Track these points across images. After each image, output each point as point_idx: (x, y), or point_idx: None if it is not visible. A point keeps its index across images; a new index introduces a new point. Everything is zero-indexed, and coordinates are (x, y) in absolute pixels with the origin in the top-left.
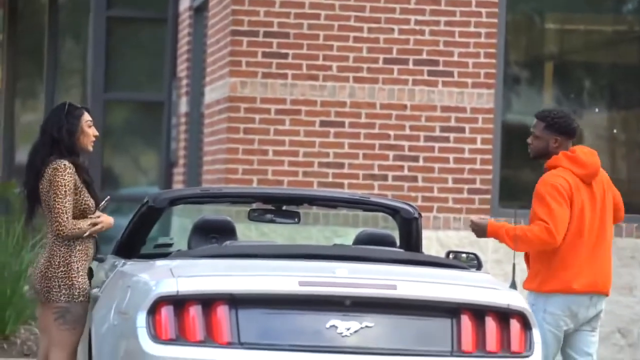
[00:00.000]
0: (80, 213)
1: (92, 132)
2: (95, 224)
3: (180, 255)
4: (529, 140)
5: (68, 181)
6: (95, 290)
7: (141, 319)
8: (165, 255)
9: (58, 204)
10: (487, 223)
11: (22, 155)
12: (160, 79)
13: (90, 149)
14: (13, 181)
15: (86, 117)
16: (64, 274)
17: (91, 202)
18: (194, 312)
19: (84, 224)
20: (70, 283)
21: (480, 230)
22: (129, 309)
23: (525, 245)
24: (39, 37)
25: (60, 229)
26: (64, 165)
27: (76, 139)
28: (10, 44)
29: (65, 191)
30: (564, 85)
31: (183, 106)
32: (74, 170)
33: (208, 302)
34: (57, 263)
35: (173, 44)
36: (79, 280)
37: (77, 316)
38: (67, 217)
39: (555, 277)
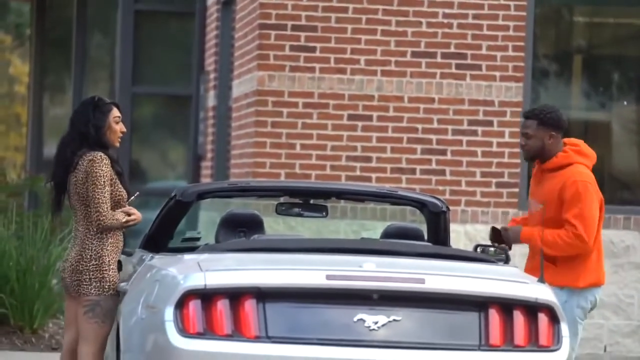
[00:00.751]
0: (115, 204)
1: (120, 128)
2: (129, 215)
3: (208, 249)
4: (522, 141)
5: (106, 172)
6: (123, 284)
7: (169, 313)
8: (192, 249)
9: (98, 195)
10: (520, 229)
11: (50, 150)
12: (188, 73)
13: (117, 144)
14: (41, 175)
15: (115, 112)
16: (96, 267)
17: (124, 193)
18: (222, 306)
19: (119, 215)
20: (101, 276)
21: (514, 237)
22: (157, 302)
23: (557, 251)
24: (67, 31)
25: (100, 219)
26: (100, 156)
27: (102, 134)
28: (39, 37)
29: (104, 182)
30: (592, 79)
31: (211, 100)
32: (109, 161)
33: (236, 295)
34: (88, 256)
35: (201, 38)
36: (110, 273)
37: (106, 310)
38: (106, 208)
39: (591, 272)
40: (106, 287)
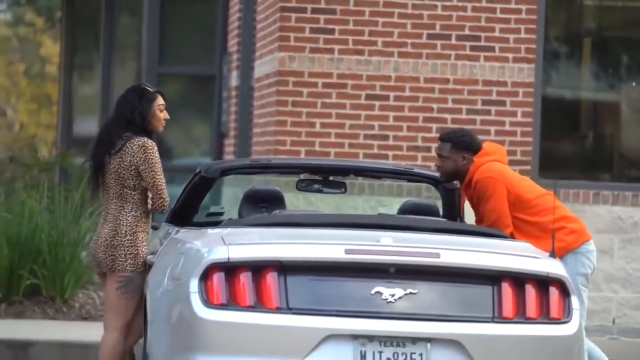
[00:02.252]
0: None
1: (164, 115)
2: None
3: (231, 223)
4: (437, 163)
5: (158, 158)
6: (150, 257)
7: (194, 285)
8: (216, 224)
9: (159, 181)
10: None
11: (79, 127)
12: (212, 54)
13: (161, 130)
14: (71, 151)
15: (159, 101)
16: (130, 242)
17: None
18: (244, 278)
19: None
20: (135, 252)
21: None
22: (182, 275)
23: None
24: (96, 13)
25: (165, 204)
26: (151, 143)
27: (147, 121)
28: (69, 19)
29: (160, 167)
30: (603, 60)
31: (234, 80)
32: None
33: (258, 268)
34: (123, 232)
35: (224, 20)
36: (143, 250)
37: (137, 285)
38: (166, 192)
39: (572, 234)
40: (139, 263)
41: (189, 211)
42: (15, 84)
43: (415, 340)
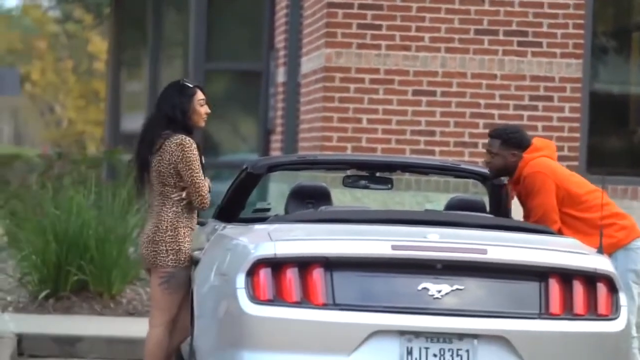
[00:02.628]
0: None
1: (204, 110)
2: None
3: (278, 219)
4: (487, 159)
5: (196, 155)
6: (197, 253)
7: (240, 280)
8: (263, 220)
9: (197, 179)
10: None
11: (127, 124)
12: (259, 50)
13: (203, 124)
14: (119, 148)
15: (199, 95)
16: (172, 238)
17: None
18: (291, 274)
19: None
20: (177, 248)
21: None
22: (228, 270)
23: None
24: (143, 10)
25: (203, 202)
26: (189, 140)
27: (188, 117)
28: (116, 16)
29: (197, 165)
30: None
31: (280, 76)
32: (196, 145)
33: (304, 264)
34: (164, 227)
35: (271, 16)
36: (186, 245)
37: (181, 281)
38: (206, 190)
39: (623, 230)
40: (182, 259)
41: (236, 207)
42: (64, 80)
43: (461, 336)
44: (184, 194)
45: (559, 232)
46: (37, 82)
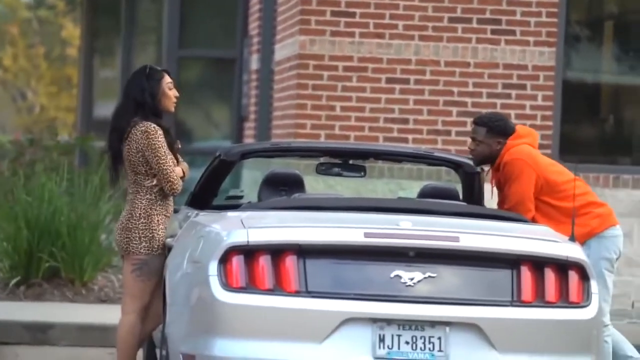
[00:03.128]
0: None
1: (173, 93)
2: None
3: (251, 207)
4: (471, 146)
5: (162, 142)
6: (169, 240)
7: (213, 268)
8: (236, 207)
9: (163, 165)
10: None
11: (100, 110)
12: (233, 37)
13: (172, 109)
14: (91, 134)
15: (167, 79)
16: (145, 225)
17: (174, 161)
18: (264, 261)
19: (179, 174)
20: (150, 235)
21: None
22: (201, 257)
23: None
24: None
25: (173, 187)
26: (154, 127)
27: (158, 101)
28: (89, 2)
29: (164, 152)
30: (624, 44)
31: (254, 63)
32: (162, 131)
33: (277, 252)
34: (137, 214)
35: (245, 3)
36: (159, 233)
37: (154, 269)
38: (175, 175)
39: (597, 218)
40: (155, 246)
41: (209, 194)
42: (36, 66)
43: (434, 323)
44: (154, 181)
45: (533, 221)
46: (9, 68)
